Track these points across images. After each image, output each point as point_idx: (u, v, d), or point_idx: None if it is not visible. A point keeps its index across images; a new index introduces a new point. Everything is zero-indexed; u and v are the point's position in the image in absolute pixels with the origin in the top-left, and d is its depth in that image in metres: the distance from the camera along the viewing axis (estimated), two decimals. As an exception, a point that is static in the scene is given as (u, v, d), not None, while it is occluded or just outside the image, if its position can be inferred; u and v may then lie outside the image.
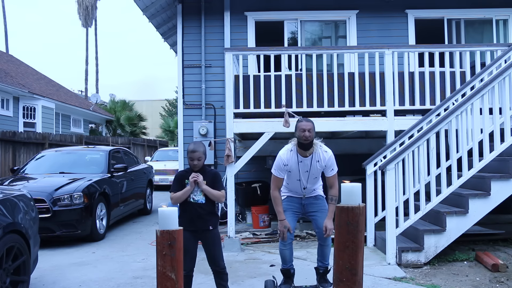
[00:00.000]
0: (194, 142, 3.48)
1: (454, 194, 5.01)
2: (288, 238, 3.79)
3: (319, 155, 3.69)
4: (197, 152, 3.38)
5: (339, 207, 1.83)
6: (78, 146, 12.46)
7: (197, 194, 3.39)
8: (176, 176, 3.51)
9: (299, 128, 3.64)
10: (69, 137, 14.50)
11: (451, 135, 5.18)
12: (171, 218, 2.07)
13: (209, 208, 3.42)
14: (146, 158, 16.84)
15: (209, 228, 3.41)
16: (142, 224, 8.14)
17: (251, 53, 6.62)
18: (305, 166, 3.71)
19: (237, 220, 7.44)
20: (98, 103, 23.63)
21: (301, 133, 3.62)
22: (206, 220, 3.40)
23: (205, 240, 3.44)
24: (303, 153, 3.69)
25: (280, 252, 3.94)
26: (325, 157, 3.69)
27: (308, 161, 3.70)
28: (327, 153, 3.72)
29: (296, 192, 3.88)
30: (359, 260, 1.83)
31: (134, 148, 19.14)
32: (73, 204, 6.16)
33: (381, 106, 6.00)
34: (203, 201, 3.39)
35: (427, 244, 4.75)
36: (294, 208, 3.89)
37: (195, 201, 3.39)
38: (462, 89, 5.88)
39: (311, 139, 3.64)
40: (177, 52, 8.45)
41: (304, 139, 3.61)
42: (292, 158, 3.71)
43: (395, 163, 4.86)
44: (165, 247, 2.00)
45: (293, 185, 3.83)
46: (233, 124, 5.92)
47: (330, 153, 3.73)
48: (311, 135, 3.63)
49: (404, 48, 6.29)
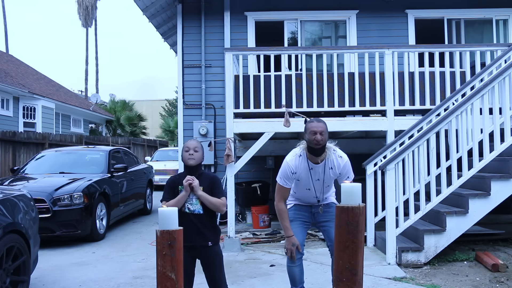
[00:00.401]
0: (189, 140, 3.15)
1: (454, 194, 5.01)
2: (297, 257, 3.22)
3: (332, 161, 3.16)
4: (193, 142, 2.93)
5: (339, 207, 1.83)
6: (78, 146, 12.45)
7: (193, 203, 2.87)
8: (168, 182, 2.97)
9: (309, 130, 3.08)
10: (69, 137, 14.50)
11: (451, 135, 5.19)
12: (171, 218, 2.07)
13: (208, 219, 2.90)
14: (146, 158, 16.85)
15: (208, 244, 2.88)
16: (142, 224, 8.14)
17: (251, 53, 6.62)
18: (317, 174, 3.19)
19: (237, 220, 7.45)
20: (98, 103, 23.64)
21: (312, 136, 3.05)
22: (205, 234, 2.87)
23: (203, 258, 2.92)
24: (314, 159, 3.16)
25: (288, 271, 3.33)
26: (340, 164, 3.17)
27: (320, 168, 3.17)
28: (342, 158, 3.18)
29: (305, 201, 3.40)
30: (359, 260, 1.83)
31: (134, 148, 19.14)
32: (73, 204, 6.16)
33: (381, 106, 6.00)
34: (200, 211, 2.87)
35: (427, 244, 4.75)
36: (302, 218, 3.38)
37: (191, 211, 2.86)
38: (462, 89, 5.89)
39: (323, 143, 3.08)
40: (177, 52, 8.45)
41: (316, 143, 3.05)
42: (301, 165, 3.18)
43: (395, 163, 4.86)
44: (165, 247, 2.00)
45: (303, 194, 3.34)
46: (233, 124, 5.92)
47: (346, 158, 3.20)
48: (323, 138, 3.06)
49: (404, 48, 6.29)
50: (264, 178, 7.81)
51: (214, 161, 7.97)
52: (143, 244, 6.29)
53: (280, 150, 7.48)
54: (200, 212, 2.87)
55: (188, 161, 2.88)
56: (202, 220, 2.87)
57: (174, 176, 3.01)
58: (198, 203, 2.87)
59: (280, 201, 3.26)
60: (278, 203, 3.26)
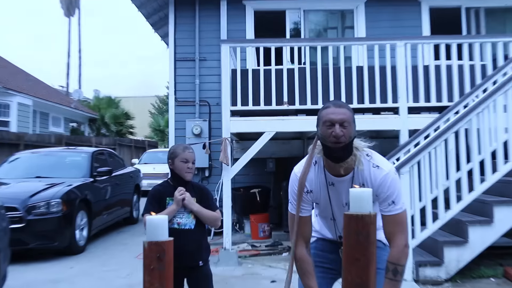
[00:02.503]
0: (178, 144, 2.98)
1: (476, 201, 4.94)
2: None
3: (363, 173, 2.07)
4: (190, 150, 2.80)
5: (347, 215, 1.73)
6: (57, 147, 12.36)
7: (183, 217, 2.76)
8: (152, 193, 2.80)
9: (324, 119, 2.02)
10: (48, 137, 14.41)
11: (471, 135, 5.12)
12: (161, 227, 1.97)
13: (200, 235, 2.80)
14: (133, 160, 16.79)
15: (199, 264, 2.80)
16: (128, 234, 8.06)
17: (250, 45, 6.57)
18: (339, 193, 2.13)
19: (234, 230, 7.37)
20: (80, 99, 23.53)
21: (328, 129, 2.00)
22: (195, 253, 2.77)
23: (192, 279, 2.81)
24: (333, 169, 2.09)
25: None
26: (376, 177, 2.05)
27: (345, 184, 2.09)
28: (380, 170, 2.06)
29: (327, 236, 2.37)
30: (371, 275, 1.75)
31: (120, 150, 19.07)
32: (50, 213, 6.06)
33: (393, 103, 5.94)
34: (191, 226, 2.75)
35: (447, 257, 4.67)
36: (325, 262, 2.31)
37: (181, 226, 2.74)
38: (483, 84, 5.82)
39: (346, 141, 1.99)
40: (168, 44, 8.40)
41: (334, 140, 1.98)
42: (317, 179, 2.13)
43: (409, 166, 4.79)
44: (153, 261, 1.91)
45: (325, 224, 2.33)
46: (230, 123, 5.86)
47: (388, 169, 2.07)
48: (347, 132, 1.99)
49: (418, 39, 6.26)
50: (264, 183, 7.74)
51: (209, 164, 7.89)
52: (128, 258, 6.20)
53: (282, 151, 7.41)
54: (191, 228, 2.76)
55: (186, 175, 2.79)
56: (193, 237, 2.77)
57: (159, 186, 2.88)
58: (191, 217, 2.77)
59: (299, 242, 2.11)
60: (296, 247, 2.11)
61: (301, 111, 6.13)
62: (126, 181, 8.89)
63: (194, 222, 2.77)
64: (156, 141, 26.52)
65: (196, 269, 2.80)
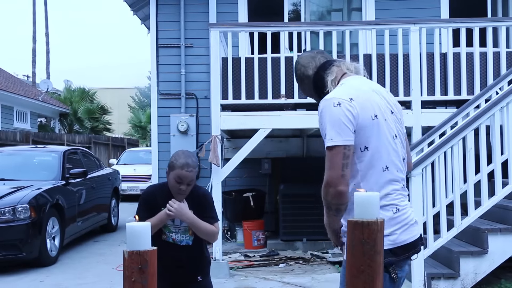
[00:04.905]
0: (182, 152, 2.74)
1: (497, 206, 5.01)
2: None
3: None
4: (190, 168, 2.64)
5: (351, 221, 1.80)
6: (23, 145, 12.35)
7: (179, 232, 2.73)
8: (142, 197, 2.79)
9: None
10: (12, 134, 14.39)
11: (493, 133, 5.18)
12: (143, 235, 2.03)
13: (199, 252, 2.80)
14: (110, 160, 16.83)
15: (197, 279, 2.80)
16: (106, 243, 8.12)
17: (243, 29, 6.62)
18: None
19: (225, 238, 7.42)
20: (49, 91, 23.47)
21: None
22: (193, 268, 2.78)
23: None
24: None
25: None
26: None
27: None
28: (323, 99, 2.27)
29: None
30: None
31: (96, 148, 19.07)
32: (17, 220, 6.09)
33: (405, 97, 6.00)
34: (189, 242, 2.74)
35: (464, 269, 4.75)
36: None
37: (177, 242, 2.74)
38: (509, 75, 5.88)
39: None
40: (149, 29, 8.43)
41: None
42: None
43: (422, 167, 4.85)
44: (134, 272, 1.96)
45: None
46: (220, 118, 5.92)
47: (327, 97, 2.22)
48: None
49: (434, 23, 6.31)
50: (259, 186, 7.79)
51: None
52: (106, 269, 6.25)
53: (279, 151, 7.46)
54: (189, 244, 2.75)
55: (177, 197, 2.68)
56: (190, 253, 2.77)
57: (152, 187, 2.87)
58: (188, 232, 2.73)
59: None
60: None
61: (301, 106, 6.20)
62: (103, 184, 8.92)
63: (192, 238, 2.74)
64: (137, 139, 26.54)
65: (194, 284, 2.82)
